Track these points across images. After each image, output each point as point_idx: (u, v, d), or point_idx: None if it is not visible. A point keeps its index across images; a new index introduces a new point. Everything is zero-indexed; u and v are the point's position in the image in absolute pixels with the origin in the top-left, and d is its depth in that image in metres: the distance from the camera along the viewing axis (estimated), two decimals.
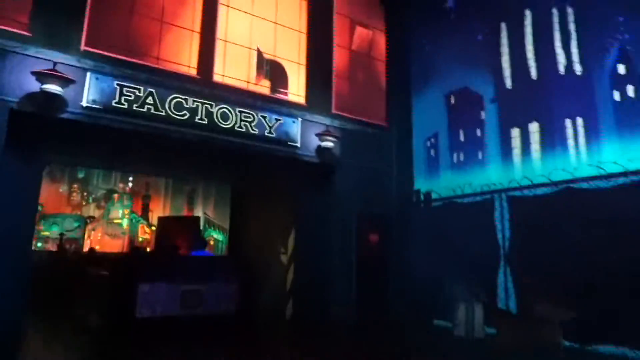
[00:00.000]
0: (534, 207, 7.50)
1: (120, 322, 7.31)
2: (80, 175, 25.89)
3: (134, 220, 20.57)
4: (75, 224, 21.74)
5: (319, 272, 8.97)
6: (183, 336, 7.17)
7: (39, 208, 23.05)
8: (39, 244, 21.76)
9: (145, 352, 6.47)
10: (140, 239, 20.82)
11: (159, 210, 22.95)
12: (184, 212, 22.52)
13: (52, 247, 20.77)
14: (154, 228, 21.34)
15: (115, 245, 20.23)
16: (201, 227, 19.20)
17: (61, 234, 20.42)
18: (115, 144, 7.37)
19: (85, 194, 25.21)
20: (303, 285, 9.08)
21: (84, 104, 6.78)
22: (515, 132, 8.15)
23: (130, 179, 22.32)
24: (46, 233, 22.16)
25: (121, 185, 23.96)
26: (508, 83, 8.41)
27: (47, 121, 6.69)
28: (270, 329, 9.04)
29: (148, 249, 21.06)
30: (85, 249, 21.10)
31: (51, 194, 25.62)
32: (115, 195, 20.90)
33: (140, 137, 7.37)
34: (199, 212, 21.62)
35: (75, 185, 25.52)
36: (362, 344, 7.73)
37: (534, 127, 7.84)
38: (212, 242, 21.50)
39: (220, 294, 8.08)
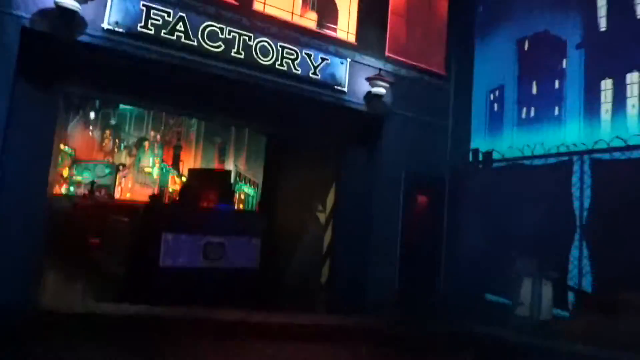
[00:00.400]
0: (627, 172, 6.28)
1: (144, 270, 6.91)
2: (113, 121, 25.54)
3: (164, 170, 20.09)
4: (107, 171, 21.49)
5: (359, 234, 8.08)
6: (204, 287, 6.91)
7: (71, 153, 22.95)
8: (71, 188, 21.79)
9: (166, 298, 6.23)
10: (170, 189, 20.40)
11: (189, 162, 22.38)
12: (215, 164, 21.92)
13: (84, 192, 20.69)
14: (184, 179, 20.85)
15: (146, 194, 19.88)
16: (232, 181, 18.58)
17: (92, 181, 20.27)
18: (137, 75, 6.45)
19: (117, 141, 24.90)
20: (341, 247, 8.21)
21: (105, 25, 5.85)
22: (607, 84, 6.83)
23: (162, 128, 21.82)
24: (78, 178, 22.08)
25: (152, 133, 23.43)
26: (602, 24, 7.01)
27: (63, 44, 5.82)
28: (302, 291, 8.31)
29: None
30: (117, 196, 20.93)
31: (83, 140, 25.48)
32: (146, 143, 20.40)
33: (167, 69, 6.43)
34: (230, 165, 20.97)
35: (107, 132, 25.22)
36: (405, 316, 6.93)
37: (633, 78, 6.50)
38: (242, 197, 20.94)
39: (243, 249, 7.67)
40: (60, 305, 6.23)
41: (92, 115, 25.50)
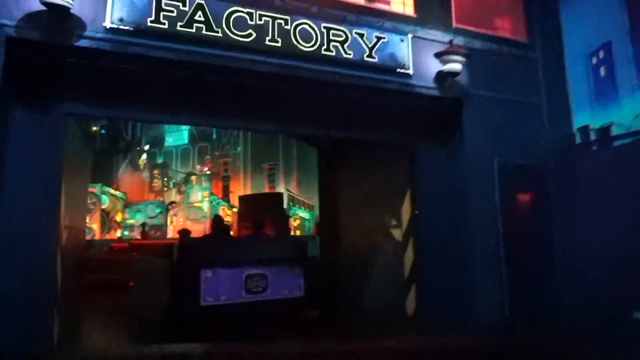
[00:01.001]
0: None
1: (184, 311, 6.22)
2: (160, 160, 25.28)
3: (214, 203, 19.21)
4: (157, 211, 20.95)
5: (450, 249, 6.41)
6: (250, 321, 6.13)
7: (123, 196, 22.67)
8: (126, 232, 21.39)
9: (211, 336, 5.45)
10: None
11: (239, 191, 21.49)
12: (266, 191, 20.88)
13: (137, 234, 20.20)
14: (235, 209, 19.87)
15: (198, 230, 19.01)
16: (284, 205, 17.37)
17: (143, 222, 19.71)
18: (153, 82, 5.24)
19: (165, 179, 24.52)
20: (429, 269, 6.53)
21: (108, 24, 4.70)
22: None
23: (207, 157, 21.05)
24: (131, 221, 21.68)
25: (199, 167, 22.84)
26: None
27: (59, 52, 4.71)
28: (387, 325, 6.66)
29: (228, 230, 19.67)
30: (169, 235, 20.23)
31: (134, 182, 25.34)
32: (194, 178, 19.66)
33: (188, 69, 5.19)
34: (281, 190, 19.86)
35: (155, 171, 24.93)
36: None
37: None
38: (297, 222, 19.61)
39: (287, 278, 6.93)
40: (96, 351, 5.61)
41: (141, 157, 25.41)
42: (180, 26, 4.95)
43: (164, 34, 4.89)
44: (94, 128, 27.41)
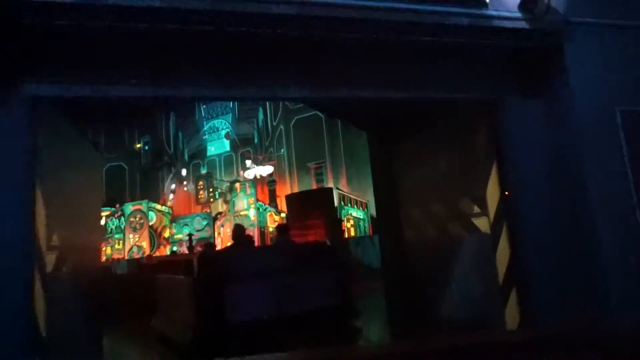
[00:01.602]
0: None
1: (212, 332, 5.60)
2: (203, 171, 24.56)
3: (260, 209, 18.03)
4: (204, 223, 20.06)
5: (565, 238, 4.64)
6: (285, 334, 5.37)
7: (169, 211, 22.02)
8: (174, 248, 20.69)
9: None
10: (270, 229, 18.20)
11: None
12: None
13: (185, 249, 19.41)
14: (283, 215, 18.60)
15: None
16: (335, 204, 15.89)
17: (189, 235, 18.83)
18: (147, 43, 3.88)
19: (211, 190, 23.73)
20: (536, 266, 4.78)
21: None
22: None
23: (248, 163, 19.90)
24: (179, 236, 20.96)
25: (242, 173, 21.83)
26: None
27: (8, 10, 3.42)
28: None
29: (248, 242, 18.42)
30: (218, 247, 19.27)
31: (180, 196, 24.76)
32: (237, 185, 18.57)
33: (183, 22, 3.78)
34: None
35: (200, 182, 24.22)
36: None
37: None
38: (350, 222, 18.02)
39: (321, 286, 6.40)
40: None
41: (183, 171, 24.84)
42: None
43: None
44: (137, 145, 27.26)
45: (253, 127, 23.50)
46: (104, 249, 23.17)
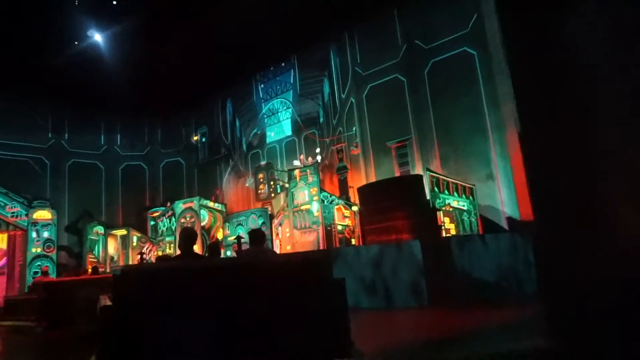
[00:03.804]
0: None
1: None
2: (263, 162, 20.86)
3: (325, 202, 13.78)
4: (260, 221, 16.18)
5: None
6: None
7: (222, 208, 18.50)
8: (228, 253, 17.08)
9: None
10: (339, 227, 13.86)
11: (360, 184, 15.73)
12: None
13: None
14: (355, 209, 14.14)
15: (307, 243, 13.67)
16: (426, 193, 11.20)
17: (238, 236, 15.08)
18: None
19: (272, 183, 19.94)
20: None
21: None
22: None
23: (318, 150, 15.70)
24: (232, 238, 17.32)
25: (302, 157, 17.72)
26: None
27: None
28: None
29: (353, 241, 13.91)
30: (277, 249, 15.32)
31: (238, 192, 21.29)
32: (296, 172, 14.52)
33: None
34: (419, 173, 13.67)
35: (260, 175, 20.52)
36: None
37: None
38: (446, 220, 13.09)
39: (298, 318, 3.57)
40: None
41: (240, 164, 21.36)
42: None
43: None
44: (195, 137, 24.38)
45: (317, 104, 19.40)
46: (154, 252, 20.38)
